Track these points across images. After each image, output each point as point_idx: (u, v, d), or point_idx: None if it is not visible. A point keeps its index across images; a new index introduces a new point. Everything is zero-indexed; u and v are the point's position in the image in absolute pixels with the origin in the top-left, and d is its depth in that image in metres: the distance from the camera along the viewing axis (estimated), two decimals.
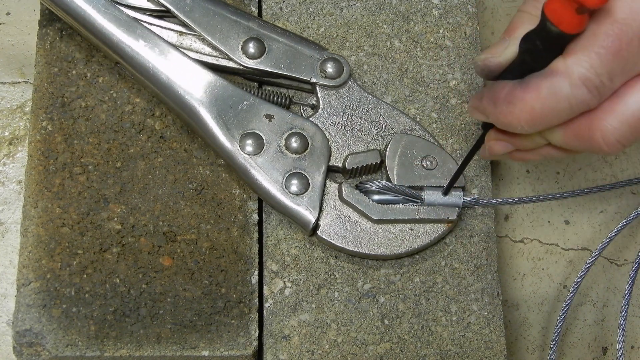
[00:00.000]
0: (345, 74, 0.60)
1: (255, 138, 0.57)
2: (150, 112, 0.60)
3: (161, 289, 0.56)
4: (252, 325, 0.56)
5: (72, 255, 0.56)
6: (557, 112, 0.44)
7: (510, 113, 0.45)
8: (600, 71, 0.42)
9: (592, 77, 0.42)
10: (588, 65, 0.41)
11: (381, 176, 0.60)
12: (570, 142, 0.46)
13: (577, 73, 0.42)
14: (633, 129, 0.43)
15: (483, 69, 0.48)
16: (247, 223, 0.59)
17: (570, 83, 0.42)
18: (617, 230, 0.62)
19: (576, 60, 0.42)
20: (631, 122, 0.43)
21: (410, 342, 0.58)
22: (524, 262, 0.69)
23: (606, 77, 0.42)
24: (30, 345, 0.54)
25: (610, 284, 0.69)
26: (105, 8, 0.57)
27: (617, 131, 0.43)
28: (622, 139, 0.44)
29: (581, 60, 0.42)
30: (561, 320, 0.61)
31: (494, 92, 0.47)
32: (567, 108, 0.43)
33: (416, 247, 0.58)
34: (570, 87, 0.42)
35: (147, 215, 0.58)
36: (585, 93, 0.42)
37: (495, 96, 0.46)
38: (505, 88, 0.45)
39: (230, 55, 0.59)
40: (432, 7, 0.65)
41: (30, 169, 0.58)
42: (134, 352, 0.55)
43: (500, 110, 0.46)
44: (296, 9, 0.64)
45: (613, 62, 0.41)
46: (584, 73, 0.42)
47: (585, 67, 0.42)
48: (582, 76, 0.42)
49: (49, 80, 0.60)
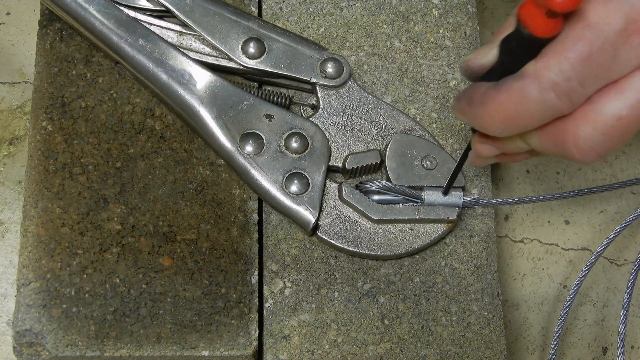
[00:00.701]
0: (345, 74, 0.60)
1: (255, 138, 0.57)
2: (150, 112, 0.60)
3: (161, 289, 0.56)
4: (252, 325, 0.56)
5: (72, 255, 0.56)
6: (528, 115, 0.43)
7: (483, 114, 0.45)
8: (570, 76, 0.41)
9: (561, 82, 0.41)
10: (557, 69, 0.41)
11: (381, 176, 0.60)
12: (546, 147, 0.45)
13: (546, 77, 0.41)
14: (607, 137, 0.42)
15: (466, 70, 0.48)
16: (247, 223, 0.59)
17: (539, 87, 0.41)
18: (618, 230, 0.62)
19: (546, 64, 0.41)
20: (605, 130, 0.42)
21: (410, 342, 0.58)
22: (524, 262, 0.69)
23: (576, 82, 0.41)
24: (30, 345, 0.54)
25: (610, 284, 0.69)
26: (105, 8, 0.57)
27: (591, 139, 0.42)
28: (596, 146, 0.42)
29: (551, 65, 0.41)
30: (562, 321, 0.61)
31: (470, 92, 0.46)
32: (537, 112, 0.42)
33: (416, 247, 0.58)
34: (539, 91, 0.41)
35: (147, 215, 0.58)
36: (554, 98, 0.41)
37: (471, 97, 0.46)
38: (480, 89, 0.45)
39: (230, 55, 0.59)
40: (432, 7, 0.65)
41: (30, 169, 0.58)
42: (134, 352, 0.55)
43: (475, 111, 0.45)
44: (296, 9, 0.64)
45: (584, 68, 0.40)
46: (553, 77, 0.41)
47: (555, 71, 0.41)
48: (551, 81, 0.41)
49: (49, 81, 0.60)
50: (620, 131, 0.42)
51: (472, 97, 0.46)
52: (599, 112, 0.42)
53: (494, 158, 0.52)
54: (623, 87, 0.41)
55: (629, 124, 0.42)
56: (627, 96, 0.41)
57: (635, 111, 0.41)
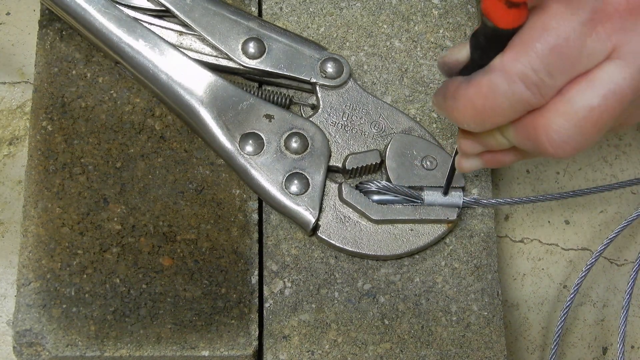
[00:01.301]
0: (345, 74, 0.60)
1: (255, 138, 0.57)
2: (150, 112, 0.60)
3: (161, 289, 0.56)
4: (252, 325, 0.56)
5: (72, 256, 0.56)
6: (498, 109, 0.42)
7: (455, 109, 0.44)
8: (538, 67, 0.40)
9: (530, 73, 0.40)
10: (524, 61, 0.40)
11: (381, 176, 0.60)
12: (521, 142, 0.45)
13: (514, 69, 0.40)
14: (580, 129, 0.41)
15: (442, 66, 0.48)
16: (247, 223, 0.59)
17: (507, 80, 0.41)
18: (618, 230, 0.62)
19: (513, 56, 0.40)
20: (577, 122, 0.41)
21: (410, 342, 0.58)
22: (524, 262, 0.69)
23: (545, 73, 0.40)
24: (30, 345, 0.54)
25: (610, 284, 0.69)
26: (105, 8, 0.57)
27: (563, 131, 0.41)
28: (569, 139, 0.42)
29: (518, 56, 0.40)
30: (562, 321, 0.61)
31: (445, 87, 0.46)
32: (507, 105, 0.42)
33: (416, 248, 0.58)
34: (508, 83, 0.41)
35: (147, 215, 0.58)
36: (523, 90, 0.41)
37: (445, 92, 0.46)
38: (453, 83, 0.45)
39: (230, 55, 0.59)
40: (432, 7, 0.65)
41: (30, 169, 0.58)
42: (134, 352, 0.55)
43: (448, 105, 0.45)
44: (296, 9, 0.64)
45: (551, 58, 0.40)
46: (521, 69, 0.40)
47: (522, 63, 0.40)
48: (519, 72, 0.40)
49: (49, 81, 0.60)
50: (593, 122, 0.41)
51: (446, 92, 0.45)
52: (570, 103, 0.41)
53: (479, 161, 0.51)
54: (593, 78, 0.41)
55: (601, 115, 0.41)
56: (598, 86, 0.41)
57: (607, 101, 0.41)
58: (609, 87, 0.41)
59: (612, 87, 0.40)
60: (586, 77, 0.41)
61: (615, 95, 0.41)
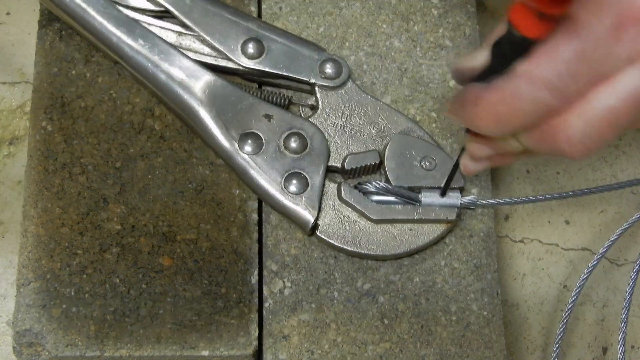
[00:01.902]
0: (344, 75, 0.60)
1: (254, 138, 0.57)
2: (149, 112, 0.60)
3: (161, 289, 0.56)
4: (252, 325, 0.56)
5: (71, 256, 0.56)
6: (521, 114, 0.43)
7: (476, 115, 0.45)
8: (563, 74, 0.41)
9: (555, 79, 0.41)
10: (551, 67, 0.41)
11: (380, 177, 0.60)
12: (537, 144, 0.45)
13: (540, 75, 0.41)
14: (598, 129, 0.42)
15: (457, 74, 0.48)
16: (247, 223, 0.59)
17: (531, 85, 0.41)
18: (620, 232, 0.62)
19: (539, 62, 0.41)
20: (595, 124, 0.42)
21: (410, 341, 0.58)
22: (524, 262, 0.69)
23: (570, 80, 0.41)
24: (30, 345, 0.54)
25: (611, 284, 0.69)
26: (105, 8, 0.57)
27: (582, 132, 0.42)
28: (587, 140, 0.42)
29: (544, 63, 0.41)
30: (563, 324, 0.61)
31: (463, 94, 0.46)
32: (530, 110, 0.42)
33: (415, 247, 0.58)
34: (532, 89, 0.41)
35: (147, 215, 0.58)
36: (548, 95, 0.41)
37: (464, 99, 0.46)
38: (473, 90, 0.45)
39: (230, 56, 0.59)
40: (431, 6, 0.65)
41: (30, 169, 0.58)
42: (134, 352, 0.55)
43: (468, 112, 0.45)
44: (296, 8, 0.64)
45: (577, 65, 0.40)
46: (546, 75, 0.41)
47: (548, 69, 0.41)
48: (544, 78, 0.41)
49: (48, 81, 0.60)
50: (611, 123, 0.42)
51: (465, 98, 0.46)
52: (590, 105, 0.42)
53: (486, 162, 0.52)
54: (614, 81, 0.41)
55: (620, 117, 0.42)
56: (619, 89, 0.41)
57: (626, 103, 0.41)
58: (629, 91, 0.41)
59: (631, 90, 0.41)
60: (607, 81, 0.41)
61: (633, 98, 0.41)
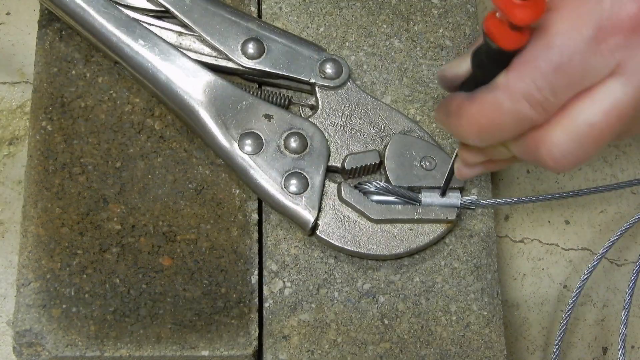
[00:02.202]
0: (344, 75, 0.60)
1: (254, 138, 0.57)
2: (149, 112, 0.60)
3: (161, 289, 0.56)
4: (252, 325, 0.56)
5: (71, 256, 0.56)
6: (502, 126, 0.43)
7: (459, 125, 0.45)
8: (542, 86, 0.40)
9: (534, 92, 0.41)
10: (529, 80, 0.40)
11: (380, 177, 0.60)
12: (522, 155, 0.45)
13: (518, 88, 0.41)
14: (580, 144, 0.42)
15: (442, 80, 0.48)
16: (247, 223, 0.59)
17: (511, 98, 0.41)
18: (620, 233, 0.62)
19: (517, 75, 0.41)
20: (578, 137, 0.42)
21: (410, 341, 0.57)
22: (524, 262, 0.69)
23: (549, 92, 0.40)
24: (30, 345, 0.54)
25: (611, 284, 0.69)
26: (105, 8, 0.57)
27: (564, 146, 0.42)
28: (569, 154, 0.42)
29: (522, 75, 0.41)
30: (564, 324, 0.61)
31: (447, 103, 0.46)
32: (511, 123, 0.42)
33: (415, 247, 0.58)
34: (512, 101, 0.41)
35: (147, 215, 0.58)
36: (528, 108, 0.41)
37: (447, 108, 0.46)
38: (456, 100, 0.45)
39: (230, 56, 0.59)
40: (431, 6, 0.65)
41: (30, 169, 0.58)
42: (134, 352, 0.55)
43: (451, 121, 0.46)
44: (296, 8, 0.64)
45: (555, 77, 0.40)
46: (525, 88, 0.41)
47: (526, 82, 0.40)
48: (523, 91, 0.41)
49: (48, 81, 0.60)
50: (594, 138, 0.42)
51: (449, 108, 0.46)
52: (572, 119, 0.41)
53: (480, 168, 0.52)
54: (595, 94, 0.41)
55: (602, 131, 0.41)
56: (600, 103, 0.41)
57: (608, 118, 0.41)
58: (610, 104, 0.41)
59: (613, 103, 0.41)
60: (588, 93, 0.41)
61: (616, 111, 0.41)
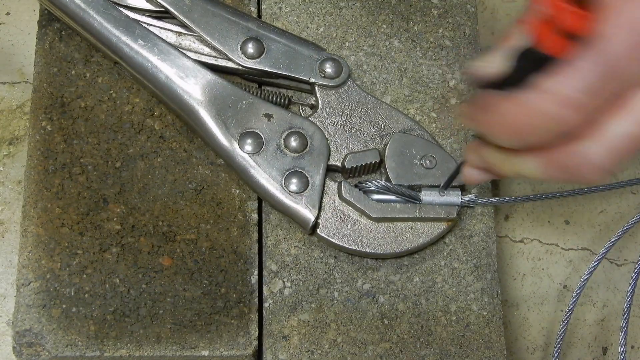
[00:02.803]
0: (344, 74, 0.60)
1: (254, 137, 0.57)
2: (149, 112, 0.60)
3: (161, 289, 0.56)
4: (252, 325, 0.56)
5: (71, 256, 0.56)
6: (539, 129, 0.43)
7: (492, 122, 0.45)
8: (586, 92, 0.40)
9: (577, 96, 0.41)
10: (574, 84, 0.40)
11: (380, 175, 0.60)
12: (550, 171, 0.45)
13: (562, 92, 0.41)
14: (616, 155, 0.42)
15: (472, 77, 0.48)
16: (247, 223, 0.59)
17: (553, 101, 0.41)
18: (620, 233, 0.62)
19: (562, 79, 0.41)
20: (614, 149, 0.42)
21: (410, 341, 0.57)
22: (524, 262, 0.69)
23: (591, 98, 0.41)
24: (30, 345, 0.54)
25: (610, 284, 0.69)
26: (104, 9, 0.57)
27: (600, 158, 0.42)
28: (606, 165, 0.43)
29: (567, 80, 0.41)
30: (564, 324, 0.60)
31: (481, 101, 0.46)
32: (548, 126, 0.42)
33: (416, 246, 0.58)
34: (554, 104, 0.41)
35: (147, 215, 0.58)
36: (569, 113, 0.41)
37: (483, 104, 0.46)
38: (491, 98, 0.45)
39: (229, 56, 0.59)
40: (431, 6, 0.65)
41: (30, 169, 0.58)
42: (134, 352, 0.55)
43: (485, 118, 0.45)
44: (295, 8, 0.64)
45: (600, 84, 0.40)
46: (569, 92, 0.41)
47: (571, 85, 0.41)
48: (567, 95, 0.41)
49: (48, 81, 0.60)
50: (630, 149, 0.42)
51: (484, 104, 0.45)
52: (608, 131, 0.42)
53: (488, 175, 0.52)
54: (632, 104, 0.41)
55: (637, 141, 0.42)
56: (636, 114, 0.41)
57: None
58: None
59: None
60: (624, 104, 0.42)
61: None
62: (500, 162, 0.49)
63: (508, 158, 0.48)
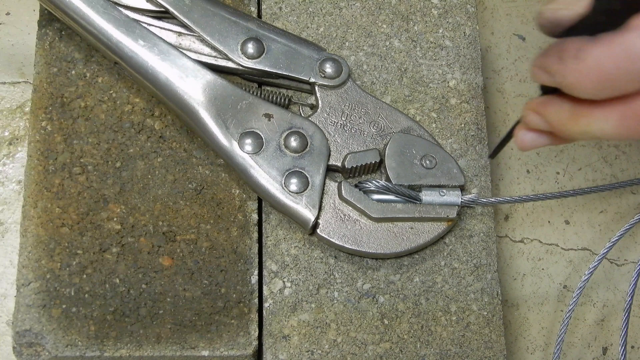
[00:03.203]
0: (344, 74, 0.60)
1: (254, 137, 0.57)
2: (149, 112, 0.60)
3: (161, 289, 0.56)
4: (252, 325, 0.56)
5: (71, 256, 0.56)
6: (629, 74, 0.39)
7: (577, 71, 0.40)
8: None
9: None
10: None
11: (380, 175, 0.60)
12: (625, 124, 0.41)
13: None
14: None
15: (551, 21, 0.43)
16: (247, 223, 0.59)
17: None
18: (620, 233, 0.62)
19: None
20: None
21: (410, 342, 0.57)
22: (524, 262, 0.69)
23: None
24: (30, 345, 0.54)
25: (611, 284, 0.69)
26: (104, 9, 0.57)
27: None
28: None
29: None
30: (564, 324, 0.60)
31: (562, 47, 0.42)
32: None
33: (416, 246, 0.58)
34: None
35: (147, 215, 0.58)
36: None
37: (563, 52, 0.41)
38: (574, 43, 0.41)
39: (229, 56, 0.59)
40: (431, 6, 0.65)
41: (30, 169, 0.58)
42: (134, 352, 0.55)
43: (567, 67, 0.41)
44: (295, 8, 0.64)
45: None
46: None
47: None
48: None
49: (48, 80, 0.60)
50: None
51: (564, 52, 0.41)
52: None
53: (545, 138, 0.47)
54: None
55: None
56: None
57: None
58: None
59: None
60: None
61: None
62: (568, 119, 0.44)
63: (580, 114, 0.43)
